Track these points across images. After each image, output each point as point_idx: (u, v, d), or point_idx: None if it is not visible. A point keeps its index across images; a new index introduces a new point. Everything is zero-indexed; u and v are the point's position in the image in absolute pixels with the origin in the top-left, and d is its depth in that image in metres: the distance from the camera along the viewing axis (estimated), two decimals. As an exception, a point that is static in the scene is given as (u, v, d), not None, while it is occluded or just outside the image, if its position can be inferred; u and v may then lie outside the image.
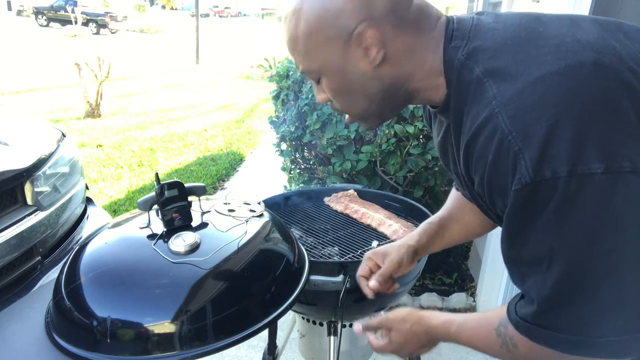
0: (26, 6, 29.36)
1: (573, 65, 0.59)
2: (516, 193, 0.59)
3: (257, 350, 2.11)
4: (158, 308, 0.83)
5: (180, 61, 14.30)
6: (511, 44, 0.65)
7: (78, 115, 6.51)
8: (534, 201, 0.58)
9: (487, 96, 0.62)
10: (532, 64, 0.61)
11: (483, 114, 0.62)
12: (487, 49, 0.66)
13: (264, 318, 0.90)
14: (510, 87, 0.60)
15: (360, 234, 1.46)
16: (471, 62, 0.67)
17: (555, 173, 0.56)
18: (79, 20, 18.64)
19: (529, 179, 0.57)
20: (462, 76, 0.68)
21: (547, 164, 0.56)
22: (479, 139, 0.63)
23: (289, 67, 2.49)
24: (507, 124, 0.59)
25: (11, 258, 1.45)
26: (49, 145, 1.80)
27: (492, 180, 0.64)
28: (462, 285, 2.60)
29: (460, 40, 0.69)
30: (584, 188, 0.55)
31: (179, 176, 4.32)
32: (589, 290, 0.59)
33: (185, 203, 0.97)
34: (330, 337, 1.30)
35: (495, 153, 0.61)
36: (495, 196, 0.65)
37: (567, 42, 0.62)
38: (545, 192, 0.57)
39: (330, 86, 0.77)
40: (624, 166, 0.55)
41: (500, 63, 0.63)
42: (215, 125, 6.43)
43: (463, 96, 0.68)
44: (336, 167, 2.26)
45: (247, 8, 64.60)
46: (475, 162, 0.66)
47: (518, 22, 0.68)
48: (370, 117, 0.81)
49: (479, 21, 0.71)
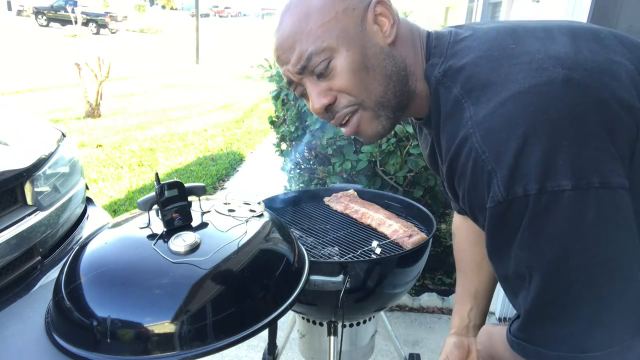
0: (26, 6, 29.35)
1: (542, 84, 0.59)
2: (490, 211, 0.61)
3: (257, 350, 2.11)
4: (158, 308, 0.83)
5: (180, 61, 14.30)
6: (485, 63, 0.65)
7: (78, 115, 6.51)
8: (508, 218, 0.60)
9: (464, 116, 0.63)
10: (504, 83, 0.62)
11: (460, 134, 0.64)
12: (463, 68, 0.67)
13: (264, 318, 0.90)
14: (483, 108, 0.62)
15: (360, 234, 1.46)
16: (448, 80, 0.68)
17: (526, 190, 0.57)
18: (79, 20, 18.57)
19: (502, 197, 0.59)
20: (438, 94, 0.69)
21: (519, 182, 0.57)
22: (459, 158, 0.65)
23: (289, 67, 2.49)
24: (480, 144, 0.60)
25: (11, 258, 1.45)
26: (49, 145, 1.80)
27: (472, 197, 0.65)
28: (462, 285, 2.60)
29: (438, 57, 0.71)
30: (554, 204, 0.56)
31: (179, 176, 4.32)
32: (568, 306, 0.60)
33: (185, 203, 0.97)
34: (330, 337, 1.30)
35: (472, 172, 0.62)
36: (476, 212, 0.67)
37: (538, 59, 0.62)
38: (517, 209, 0.58)
39: (346, 63, 0.70)
40: (593, 181, 0.55)
41: (476, 84, 0.64)
42: (215, 125, 6.43)
43: (442, 114, 0.69)
44: (336, 167, 2.26)
45: (247, 8, 64.60)
46: (458, 180, 0.67)
47: (493, 38, 0.69)
48: (384, 110, 0.75)
49: (456, 37, 0.72)
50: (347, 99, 0.74)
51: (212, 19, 47.01)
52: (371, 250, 1.32)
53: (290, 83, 0.77)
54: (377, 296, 1.29)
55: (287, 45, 0.72)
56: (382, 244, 1.35)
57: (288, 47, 0.72)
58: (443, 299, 2.47)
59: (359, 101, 0.74)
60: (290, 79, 0.75)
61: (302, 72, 0.73)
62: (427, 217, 1.48)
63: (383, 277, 1.26)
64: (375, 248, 1.32)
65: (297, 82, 0.75)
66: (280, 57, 0.74)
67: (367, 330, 1.43)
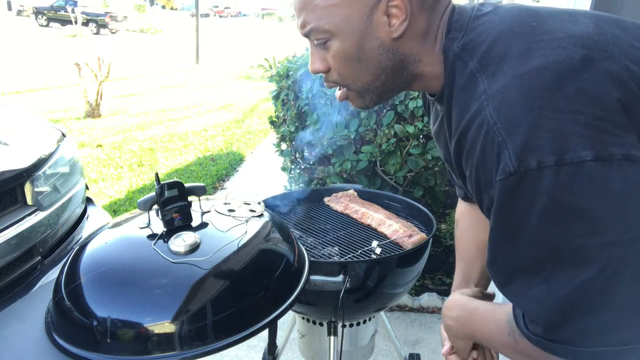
0: (26, 6, 29.37)
1: (560, 61, 0.59)
2: (500, 184, 0.58)
3: (257, 350, 2.11)
4: (158, 308, 0.83)
5: (180, 61, 14.30)
6: (505, 38, 0.64)
7: (78, 115, 6.51)
8: (520, 193, 0.57)
9: (478, 90, 0.62)
10: (522, 58, 0.61)
11: (473, 108, 0.62)
12: (482, 42, 0.66)
13: (264, 318, 0.90)
14: (499, 81, 0.61)
15: (360, 234, 1.46)
16: (466, 55, 0.67)
17: (541, 163, 0.54)
18: (79, 20, 18.64)
19: (513, 169, 0.56)
20: (455, 68, 0.68)
21: (532, 154, 0.55)
22: (469, 133, 0.63)
23: (289, 67, 2.49)
24: (492, 116, 0.59)
25: (11, 258, 1.45)
26: (49, 145, 1.80)
27: (480, 173, 0.63)
28: (462, 285, 2.60)
29: (458, 31, 0.70)
30: (576, 175, 0.54)
31: (179, 176, 4.32)
32: (603, 291, 0.55)
33: (185, 203, 0.97)
34: (330, 337, 1.30)
35: (482, 145, 0.60)
36: (482, 191, 0.64)
37: (559, 38, 0.61)
38: (531, 183, 0.55)
39: (339, 51, 0.72)
40: (615, 153, 0.54)
41: (494, 58, 0.63)
42: (215, 125, 6.43)
43: (455, 88, 0.68)
44: (336, 167, 2.26)
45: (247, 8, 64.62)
46: (466, 156, 0.65)
47: (515, 16, 0.68)
48: (369, 93, 0.77)
49: (477, 12, 0.71)
50: (335, 77, 0.77)
51: (212, 19, 47.01)
52: (371, 250, 1.32)
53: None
54: (377, 296, 1.29)
55: (297, 7, 0.74)
56: (382, 244, 1.35)
57: (297, 10, 0.74)
58: (443, 299, 2.47)
59: (345, 83, 0.77)
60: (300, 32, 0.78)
61: (306, 37, 0.76)
62: (427, 217, 1.48)
63: (383, 277, 1.26)
64: (375, 248, 1.32)
65: None
66: (294, 10, 0.76)
67: (367, 330, 1.43)
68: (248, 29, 33.56)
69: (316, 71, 0.77)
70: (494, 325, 0.74)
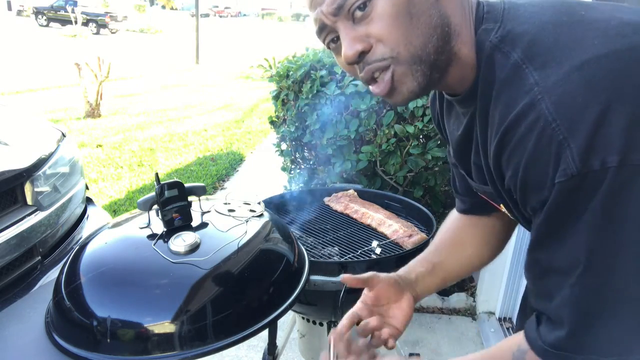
0: (26, 6, 29.38)
1: (624, 49, 0.53)
2: (560, 186, 0.53)
3: (257, 350, 2.11)
4: (158, 308, 0.83)
5: (180, 61, 14.30)
6: (552, 28, 0.59)
7: (78, 115, 6.51)
8: (577, 196, 0.52)
9: (528, 83, 0.56)
10: (578, 48, 0.55)
11: (523, 102, 0.56)
12: (525, 32, 0.60)
13: (264, 318, 0.90)
14: (554, 73, 0.55)
15: (360, 234, 1.46)
16: (506, 46, 0.61)
17: (605, 163, 0.50)
18: (79, 20, 18.64)
19: (576, 171, 0.51)
20: (493, 61, 0.62)
21: (596, 153, 0.50)
22: (518, 129, 0.57)
23: (289, 67, 2.49)
24: (550, 111, 0.53)
25: (11, 258, 1.45)
26: (49, 145, 1.80)
27: (529, 173, 0.57)
28: (462, 285, 2.60)
29: (493, 22, 0.64)
30: (634, 180, 0.49)
31: (179, 176, 4.32)
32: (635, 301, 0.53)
33: (185, 203, 0.97)
34: (330, 337, 1.30)
35: (535, 143, 0.55)
36: (529, 191, 0.58)
37: (614, 26, 0.56)
38: (590, 186, 0.51)
39: (389, 4, 0.62)
40: None
41: (541, 48, 0.58)
42: (215, 125, 6.43)
43: (495, 82, 0.62)
44: (336, 167, 2.26)
45: (247, 8, 64.64)
46: (510, 154, 0.59)
47: (558, 5, 0.63)
48: (421, 65, 0.65)
49: (511, 5, 0.65)
50: (382, 51, 0.64)
51: (212, 19, 47.01)
52: (371, 250, 1.32)
53: (322, 30, 0.68)
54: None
55: None
56: (382, 244, 1.35)
57: None
58: (443, 299, 2.47)
59: (395, 53, 0.64)
60: (323, 22, 0.66)
61: (337, 14, 0.64)
62: (427, 217, 1.48)
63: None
64: (375, 248, 1.32)
65: (329, 27, 0.67)
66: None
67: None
68: (248, 29, 33.57)
69: (356, 53, 0.65)
70: None
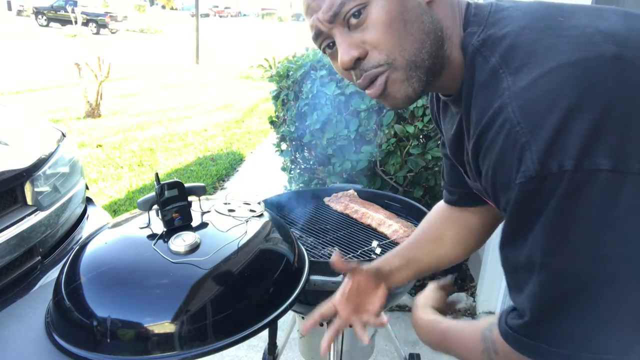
0: (26, 6, 29.38)
1: (591, 58, 0.55)
2: (520, 187, 0.56)
3: (257, 350, 2.11)
4: (158, 308, 0.83)
5: (180, 61, 14.30)
6: (530, 33, 0.61)
7: (78, 115, 6.51)
8: (537, 197, 0.55)
9: (501, 87, 0.59)
10: (549, 55, 0.57)
11: (495, 105, 0.59)
12: (504, 37, 0.62)
13: (264, 318, 0.90)
14: (524, 78, 0.57)
15: (360, 234, 1.46)
16: (487, 50, 0.63)
17: (562, 167, 0.52)
18: (79, 20, 18.64)
19: (534, 173, 0.54)
20: (475, 64, 0.65)
21: (554, 157, 0.53)
22: (490, 131, 0.60)
23: (289, 67, 2.49)
24: (516, 115, 0.56)
25: (11, 258, 1.45)
26: (49, 145, 1.80)
27: (497, 173, 0.60)
28: (462, 285, 2.60)
29: (477, 26, 0.66)
30: (587, 184, 0.52)
31: (179, 176, 4.32)
32: (584, 299, 0.56)
33: (185, 203, 0.97)
34: (330, 337, 1.30)
35: (502, 145, 0.58)
36: (499, 191, 0.62)
37: (587, 34, 0.58)
38: (549, 188, 0.54)
39: (382, 12, 0.64)
40: (633, 167, 0.52)
41: (518, 53, 0.60)
42: (215, 125, 6.43)
43: (476, 85, 0.65)
44: (336, 167, 2.26)
45: (247, 8, 64.63)
46: (484, 155, 0.63)
47: (539, 10, 0.65)
48: (416, 70, 0.67)
49: (497, 8, 0.67)
50: (377, 57, 0.67)
51: (212, 19, 47.02)
52: (371, 250, 1.32)
53: (318, 36, 0.70)
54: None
55: None
56: (382, 244, 1.35)
57: None
58: (443, 299, 2.47)
59: (390, 60, 0.67)
60: (318, 29, 0.69)
61: (332, 21, 0.67)
62: (427, 217, 1.48)
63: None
64: (375, 248, 1.32)
65: (325, 34, 0.69)
66: (310, 5, 0.68)
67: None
68: (248, 29, 33.57)
69: (352, 59, 0.67)
70: (467, 345, 0.74)
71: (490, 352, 0.67)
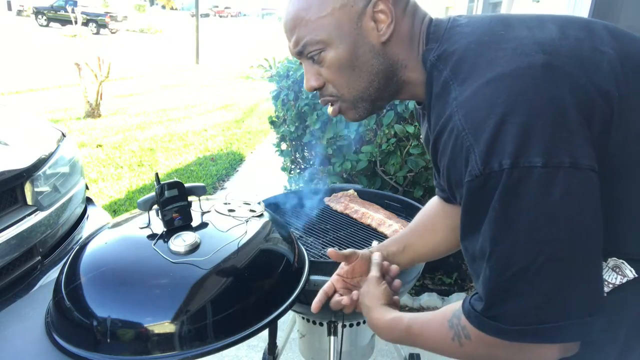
0: (26, 6, 29.37)
1: (523, 67, 0.63)
2: (468, 185, 0.64)
3: (257, 350, 2.11)
4: (158, 308, 0.83)
5: (180, 61, 14.30)
6: (474, 48, 0.70)
7: (78, 115, 6.51)
8: (483, 193, 0.62)
9: (451, 97, 0.68)
10: (488, 66, 0.66)
11: (446, 113, 0.68)
12: (455, 52, 0.71)
13: (264, 318, 0.90)
14: (467, 89, 0.66)
15: (360, 234, 1.46)
16: (441, 64, 0.73)
17: (501, 165, 0.60)
18: (79, 20, 18.63)
19: (479, 172, 0.62)
20: (432, 77, 0.74)
21: (495, 156, 0.60)
22: (443, 136, 0.69)
23: (289, 67, 2.49)
24: (461, 122, 0.64)
25: (11, 258, 1.45)
26: (49, 145, 1.80)
27: (451, 173, 0.69)
28: (462, 285, 2.60)
29: (434, 42, 0.76)
30: (524, 179, 0.59)
31: (179, 176, 4.32)
32: (530, 280, 0.62)
33: (185, 203, 0.97)
34: (330, 337, 1.30)
35: (452, 148, 0.66)
36: (454, 188, 0.70)
37: (524, 44, 0.66)
38: (492, 184, 0.61)
39: (334, 59, 0.77)
40: (563, 161, 0.59)
41: (464, 66, 0.69)
42: (215, 125, 6.42)
43: (433, 95, 0.74)
44: (336, 167, 2.26)
45: (247, 8, 64.62)
46: (440, 156, 0.71)
47: (486, 25, 0.74)
48: (362, 102, 0.81)
49: (453, 24, 0.77)
50: (330, 90, 0.81)
51: (212, 19, 47.01)
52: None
53: None
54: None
55: (288, 27, 0.79)
56: (382, 244, 1.35)
57: (289, 29, 0.79)
58: (443, 299, 2.47)
59: (339, 94, 0.81)
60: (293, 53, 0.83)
61: (299, 55, 0.80)
62: (427, 217, 1.48)
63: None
64: (375, 248, 1.32)
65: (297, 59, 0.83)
66: (285, 33, 0.81)
67: (367, 330, 1.43)
68: (248, 29, 33.57)
69: (312, 88, 0.81)
70: (435, 335, 0.77)
71: (461, 337, 0.71)
